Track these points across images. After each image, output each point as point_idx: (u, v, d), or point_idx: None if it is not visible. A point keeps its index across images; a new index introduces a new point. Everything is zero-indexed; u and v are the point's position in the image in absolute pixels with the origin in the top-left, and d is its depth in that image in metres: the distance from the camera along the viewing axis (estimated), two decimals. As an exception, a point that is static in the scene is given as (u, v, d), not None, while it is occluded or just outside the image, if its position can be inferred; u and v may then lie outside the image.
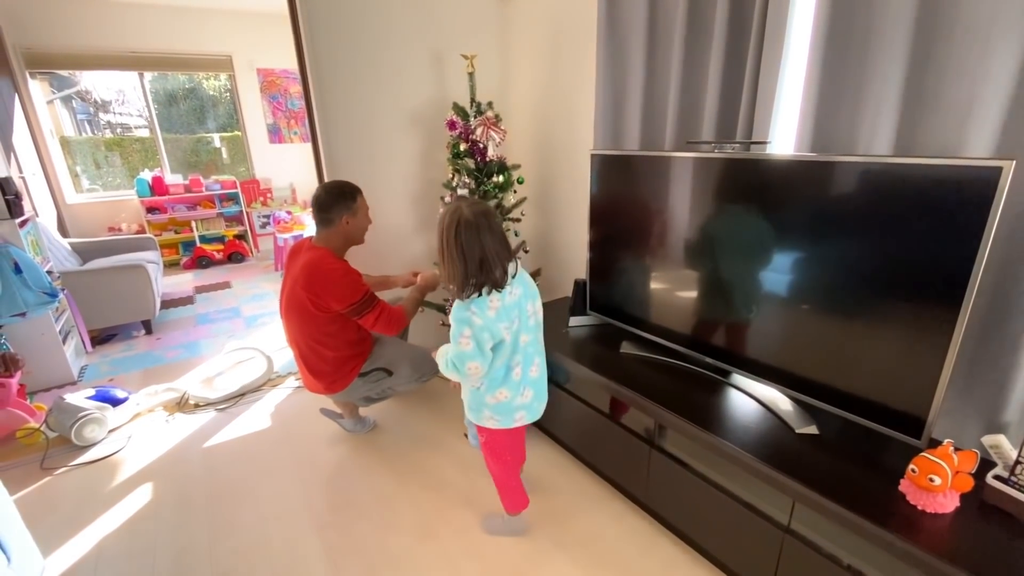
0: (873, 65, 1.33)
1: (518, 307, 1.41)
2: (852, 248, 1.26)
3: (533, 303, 1.48)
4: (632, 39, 1.94)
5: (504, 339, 1.39)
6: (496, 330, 1.36)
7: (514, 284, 1.40)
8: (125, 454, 2.23)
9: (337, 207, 1.89)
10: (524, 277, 1.47)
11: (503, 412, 1.49)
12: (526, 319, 1.44)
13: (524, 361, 1.47)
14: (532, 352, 1.49)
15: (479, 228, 1.32)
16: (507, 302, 1.37)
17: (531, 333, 1.47)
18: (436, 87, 2.64)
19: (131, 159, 5.76)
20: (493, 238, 1.34)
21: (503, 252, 1.36)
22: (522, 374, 1.47)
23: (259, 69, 5.36)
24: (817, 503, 1.19)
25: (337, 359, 2.01)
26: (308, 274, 1.85)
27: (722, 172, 1.51)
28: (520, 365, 1.46)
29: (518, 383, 1.47)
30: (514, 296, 1.40)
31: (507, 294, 1.37)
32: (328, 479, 2.04)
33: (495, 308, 1.35)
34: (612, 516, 1.78)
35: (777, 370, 1.49)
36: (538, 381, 1.54)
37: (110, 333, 3.52)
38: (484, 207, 1.37)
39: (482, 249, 1.31)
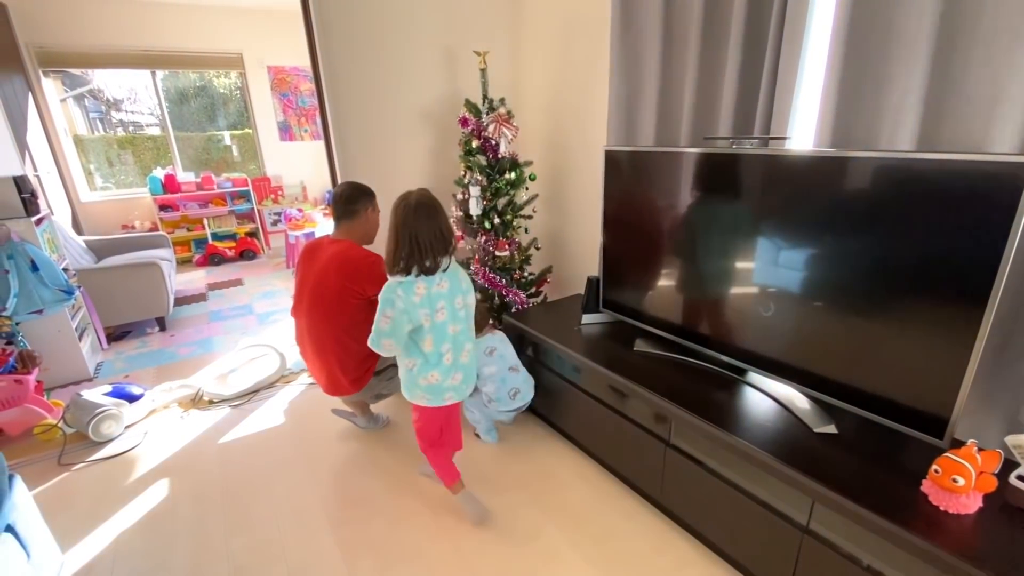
0: (895, 59, 1.31)
1: (446, 299, 1.53)
2: (875, 246, 1.24)
3: (464, 298, 1.60)
4: (647, 35, 1.93)
5: (423, 325, 1.51)
6: (415, 315, 1.49)
7: (443, 278, 1.52)
8: (141, 450, 2.26)
9: (362, 199, 1.99)
10: (457, 274, 1.58)
11: (434, 392, 1.61)
12: (455, 311, 1.56)
13: (455, 348, 1.59)
14: (463, 340, 1.62)
15: (419, 215, 1.45)
16: (433, 291, 1.50)
17: (461, 324, 1.60)
18: (448, 84, 2.63)
19: (143, 157, 5.80)
20: (430, 228, 1.46)
21: (436, 244, 1.48)
22: (453, 359, 1.59)
23: (270, 67, 5.38)
24: (837, 503, 1.18)
25: (361, 352, 2.00)
26: (341, 262, 1.90)
27: (741, 168, 1.49)
28: (451, 352, 1.58)
29: (449, 367, 1.59)
30: (441, 288, 1.52)
31: (434, 284, 1.50)
32: (342, 475, 2.05)
33: (420, 295, 1.48)
34: (625, 514, 1.77)
35: (795, 368, 1.48)
36: (468, 366, 1.66)
37: (125, 330, 3.56)
38: (432, 199, 1.50)
39: (417, 235, 1.45)
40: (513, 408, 2.09)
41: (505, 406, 2.08)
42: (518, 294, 2.45)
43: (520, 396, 2.09)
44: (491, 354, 2.14)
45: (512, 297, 2.45)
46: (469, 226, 2.47)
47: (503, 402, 2.08)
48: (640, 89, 2.03)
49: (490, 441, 2.17)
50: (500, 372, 2.10)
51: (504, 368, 2.11)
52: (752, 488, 1.40)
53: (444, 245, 1.50)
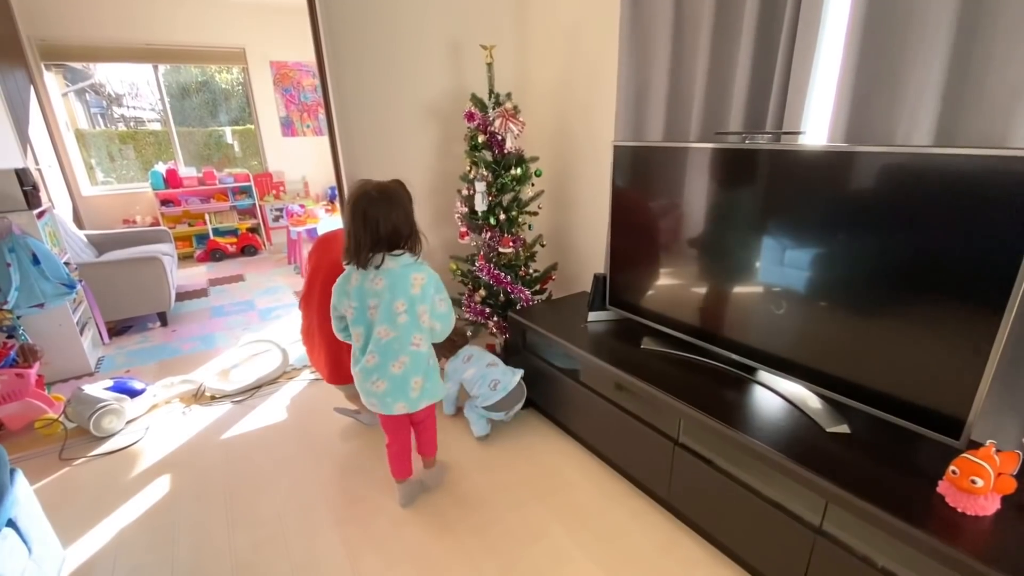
0: (913, 52, 1.29)
1: (378, 297, 1.47)
2: (891, 243, 1.22)
3: (408, 303, 1.50)
4: (657, 28, 1.90)
5: (345, 315, 1.52)
6: (340, 303, 1.52)
7: (378, 274, 1.47)
8: (143, 445, 2.24)
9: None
10: (407, 276, 1.49)
11: (361, 389, 1.59)
12: (389, 314, 1.49)
13: (381, 353, 1.51)
14: (396, 349, 1.52)
15: (355, 207, 1.44)
16: (364, 286, 1.47)
17: (397, 331, 1.50)
18: (453, 78, 2.61)
19: (144, 152, 5.78)
20: (359, 223, 1.43)
21: (365, 238, 1.44)
22: (376, 363, 1.52)
23: (272, 62, 5.35)
24: (852, 504, 1.15)
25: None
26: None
27: (754, 164, 1.47)
28: (375, 354, 1.52)
29: (369, 369, 1.53)
30: (375, 284, 1.47)
31: (367, 279, 1.47)
32: (345, 472, 2.03)
33: (353, 285, 1.48)
34: (631, 513, 1.76)
35: (807, 368, 1.45)
36: (398, 378, 1.54)
37: (126, 325, 3.54)
38: (373, 193, 1.45)
39: (351, 226, 1.45)
40: (497, 398, 2.04)
41: (488, 398, 2.05)
42: (523, 291, 2.43)
43: (501, 386, 2.06)
44: (468, 360, 2.19)
45: (517, 294, 2.43)
46: (474, 222, 2.45)
47: (485, 395, 2.06)
48: (649, 83, 2.01)
49: (480, 433, 2.15)
50: (479, 371, 2.13)
51: (483, 366, 2.15)
52: (763, 488, 1.38)
53: (374, 239, 1.45)
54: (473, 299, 2.54)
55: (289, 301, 4.01)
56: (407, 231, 1.49)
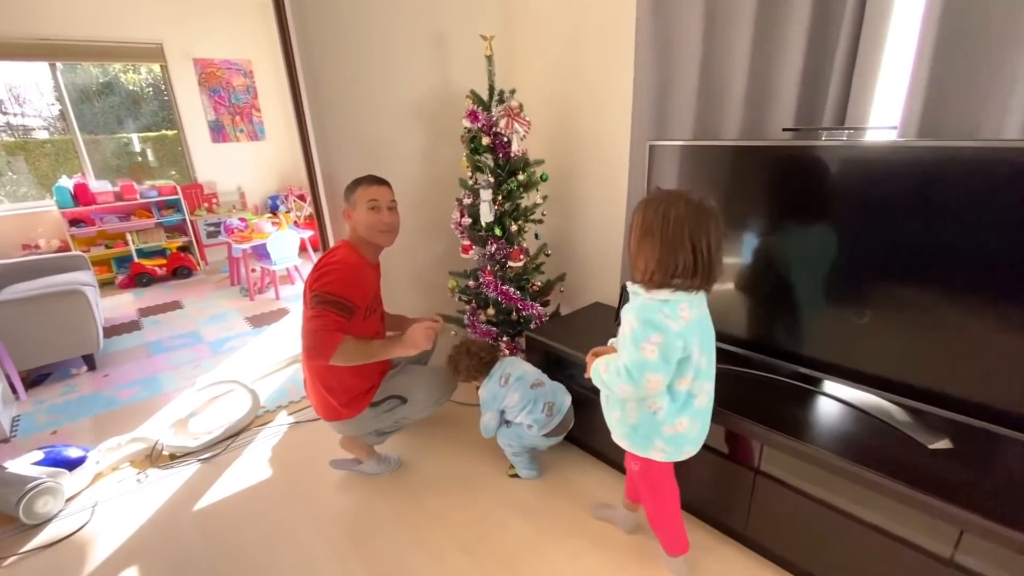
0: (1001, 36, 1.20)
1: (699, 325, 1.20)
2: (998, 245, 1.13)
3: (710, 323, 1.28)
4: (684, 16, 1.74)
5: (691, 355, 1.18)
6: (690, 342, 1.16)
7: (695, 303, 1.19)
8: (92, 529, 1.81)
9: (344, 201, 1.80)
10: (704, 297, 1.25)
11: (675, 444, 1.28)
12: (709, 339, 1.25)
13: (699, 389, 1.26)
14: (706, 378, 1.28)
15: (714, 219, 1.13)
16: (692, 315, 1.17)
17: (708, 356, 1.26)
18: (439, 74, 2.34)
19: (40, 165, 4.97)
20: (717, 236, 1.14)
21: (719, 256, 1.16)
22: (707, 401, 1.29)
23: (196, 59, 4.76)
24: (995, 532, 1.05)
25: (343, 372, 1.72)
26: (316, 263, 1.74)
27: (839, 163, 1.33)
28: (704, 393, 1.27)
29: (699, 411, 1.27)
30: (699, 311, 1.21)
31: (696, 305, 1.18)
32: (361, 538, 1.72)
33: (686, 319, 1.15)
34: (702, 549, 1.59)
35: (899, 381, 1.35)
36: (706, 411, 1.33)
37: (43, 373, 2.96)
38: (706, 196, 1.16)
39: (709, 243, 1.12)
40: (556, 423, 1.81)
41: (546, 425, 1.80)
42: (535, 307, 2.21)
43: (557, 408, 1.83)
44: (506, 383, 1.84)
45: (529, 311, 2.21)
46: (476, 234, 2.20)
47: (542, 423, 1.80)
48: (674, 76, 1.85)
49: (532, 476, 1.92)
50: (525, 395, 1.82)
51: (526, 387, 1.83)
52: (872, 518, 1.26)
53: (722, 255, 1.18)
54: (478, 318, 2.29)
55: (242, 329, 3.55)
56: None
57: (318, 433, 2.28)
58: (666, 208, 1.12)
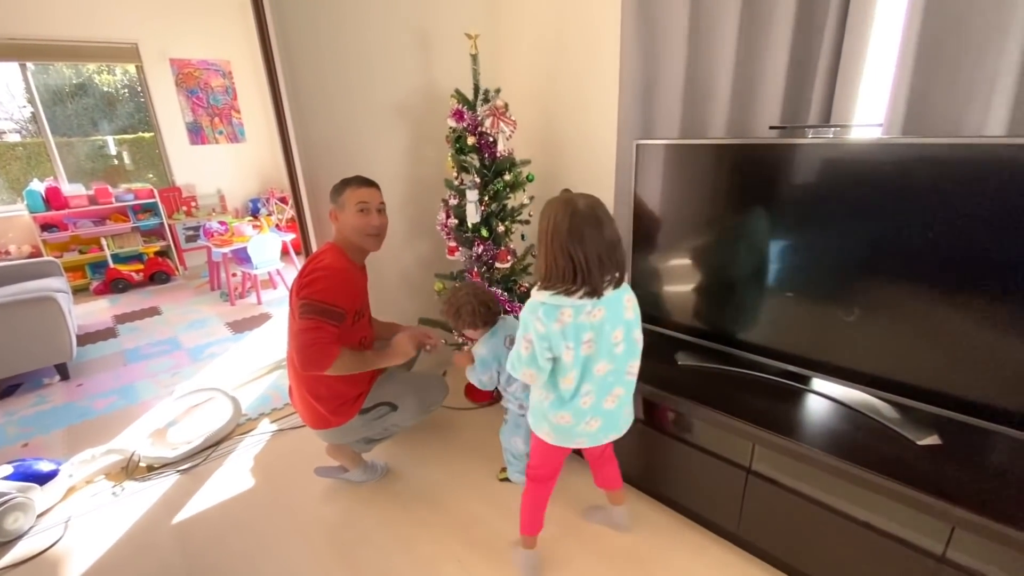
0: (983, 34, 1.21)
1: (595, 331, 1.21)
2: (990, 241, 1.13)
3: (628, 331, 1.27)
4: (669, 14, 1.74)
5: (562, 358, 1.22)
6: (558, 345, 1.20)
7: (597, 304, 1.19)
8: (66, 545, 1.74)
9: (330, 201, 1.74)
10: (621, 299, 1.25)
11: (562, 433, 1.34)
12: (607, 347, 1.24)
13: (598, 391, 1.28)
14: (612, 382, 1.29)
15: (582, 224, 1.13)
16: (580, 320, 1.19)
17: (615, 363, 1.27)
18: (423, 74, 2.31)
19: (9, 168, 4.81)
20: (596, 242, 1.14)
21: (604, 262, 1.16)
22: (592, 403, 1.29)
23: (173, 60, 4.65)
24: (986, 527, 1.05)
25: (331, 379, 1.66)
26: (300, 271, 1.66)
27: (826, 161, 1.33)
28: (592, 395, 1.28)
29: (584, 411, 1.29)
30: (593, 317, 1.20)
31: (583, 312, 1.18)
32: (344, 546, 1.68)
33: (563, 323, 1.18)
34: (694, 550, 1.58)
35: (886, 377, 1.35)
36: (613, 412, 1.34)
37: (14, 383, 2.85)
38: (598, 201, 1.19)
39: (573, 250, 1.13)
40: None
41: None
42: (523, 308, 2.18)
43: None
44: (510, 344, 1.64)
45: (517, 313, 2.18)
46: (462, 235, 2.17)
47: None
48: (660, 75, 1.84)
49: (523, 482, 1.88)
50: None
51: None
52: (864, 515, 1.25)
53: (612, 263, 1.17)
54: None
55: (222, 335, 3.47)
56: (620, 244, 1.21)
57: (302, 441, 2.23)
58: (550, 215, 1.16)
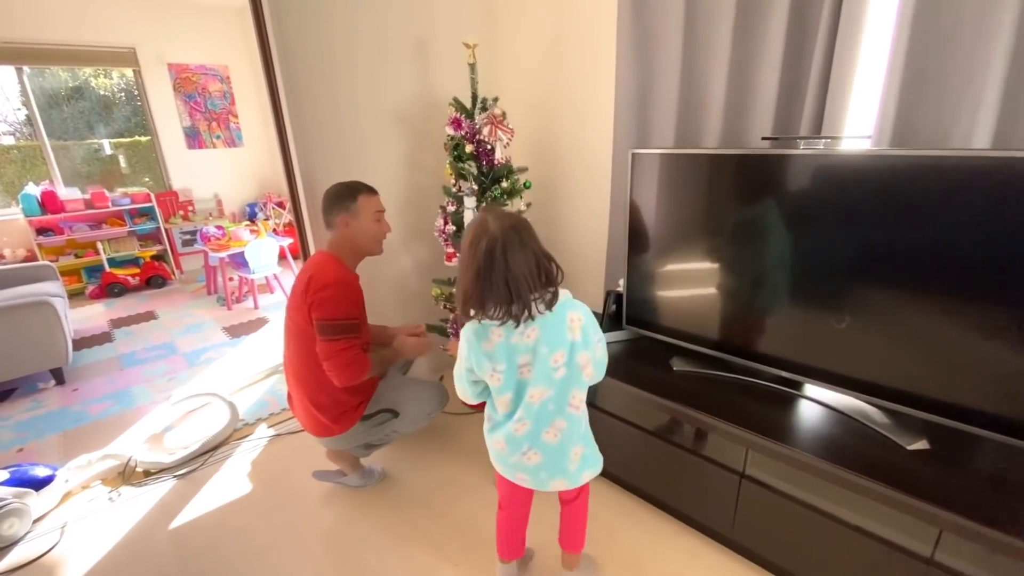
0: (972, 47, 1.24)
1: (531, 352, 1.11)
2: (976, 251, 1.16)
3: (569, 353, 1.13)
4: (665, 25, 1.77)
5: (488, 381, 1.15)
6: (482, 366, 1.13)
7: (530, 325, 1.10)
8: (62, 551, 1.74)
9: (335, 207, 1.68)
10: (563, 319, 1.12)
11: (500, 461, 1.28)
12: (544, 371, 1.12)
13: (534, 420, 1.17)
14: (551, 412, 1.17)
15: (503, 249, 1.04)
16: (511, 341, 1.10)
17: (555, 389, 1.15)
18: (421, 82, 2.33)
19: (5, 172, 4.80)
20: (517, 264, 1.05)
21: (528, 282, 1.06)
22: (527, 432, 1.18)
23: (171, 64, 4.67)
24: (973, 531, 1.07)
25: (333, 387, 1.68)
26: (301, 280, 1.65)
27: (817, 172, 1.35)
28: (526, 422, 1.17)
29: (518, 439, 1.19)
30: (527, 338, 1.10)
31: (514, 334, 1.09)
32: (341, 551, 1.69)
33: (492, 343, 1.11)
34: (689, 554, 1.60)
35: (878, 383, 1.37)
36: (556, 448, 1.20)
37: (8, 388, 2.84)
38: (519, 224, 1.08)
39: (494, 276, 1.04)
40: None
41: None
42: (519, 314, 2.20)
43: None
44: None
45: (514, 318, 2.20)
46: (460, 242, 2.18)
47: None
48: (655, 85, 1.87)
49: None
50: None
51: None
52: (854, 519, 1.27)
53: (538, 282, 1.08)
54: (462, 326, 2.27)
55: (219, 340, 3.47)
56: (547, 261, 1.11)
57: (299, 446, 2.23)
58: (464, 239, 1.11)
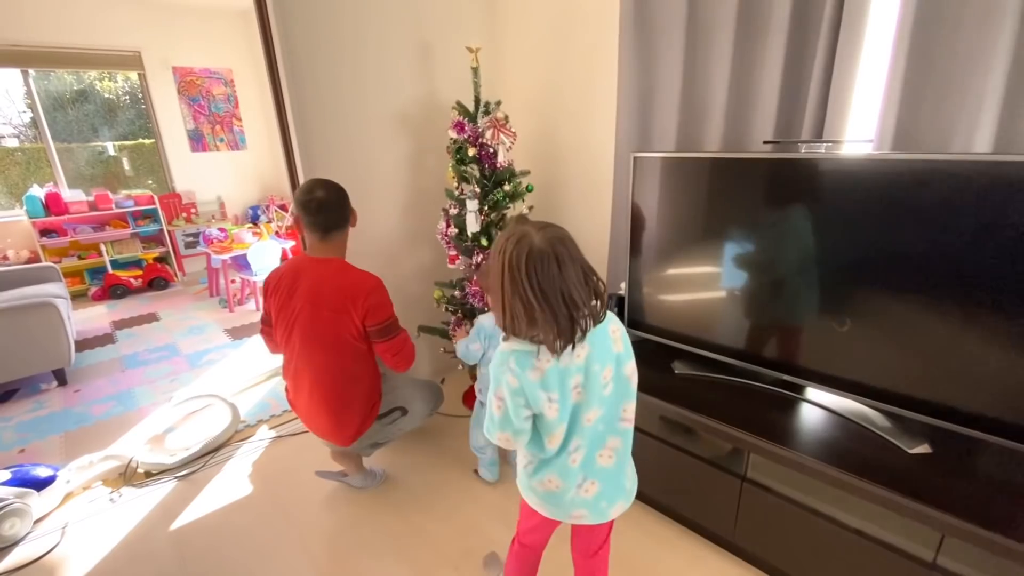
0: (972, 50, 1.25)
1: (583, 372, 0.99)
2: (978, 254, 1.16)
3: (617, 366, 1.05)
4: (667, 30, 1.78)
5: (544, 413, 0.99)
6: (536, 398, 0.98)
7: (580, 343, 0.97)
8: (62, 552, 1.74)
9: (346, 204, 1.67)
10: (607, 331, 1.04)
11: (555, 503, 1.09)
12: (595, 389, 1.01)
13: (589, 444, 1.05)
14: (604, 432, 1.07)
15: (548, 265, 0.91)
16: (562, 364, 0.97)
17: (604, 407, 1.05)
18: (424, 85, 2.34)
19: (9, 174, 4.83)
20: (566, 280, 0.93)
21: (578, 298, 0.94)
22: (583, 460, 1.06)
23: (175, 68, 4.70)
24: (976, 535, 1.07)
25: (366, 392, 1.73)
26: (337, 287, 1.60)
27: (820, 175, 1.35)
28: (582, 449, 1.05)
29: (574, 471, 1.06)
30: (576, 359, 0.98)
31: (565, 354, 0.96)
32: (342, 553, 1.69)
33: (541, 370, 0.96)
34: (691, 559, 1.60)
35: (879, 388, 1.37)
36: (612, 472, 1.09)
37: (11, 389, 2.85)
38: (561, 232, 0.97)
39: (548, 294, 0.91)
40: None
41: None
42: (521, 316, 2.21)
43: None
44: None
45: (515, 320, 2.20)
46: (462, 244, 2.19)
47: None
48: (657, 89, 1.88)
49: (488, 479, 1.91)
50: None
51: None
52: (856, 523, 1.27)
53: (582, 301, 0.94)
54: (463, 329, 2.27)
55: (221, 342, 3.47)
56: (593, 273, 0.99)
57: (300, 448, 2.23)
58: (503, 255, 0.94)
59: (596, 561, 1.25)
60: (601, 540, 1.23)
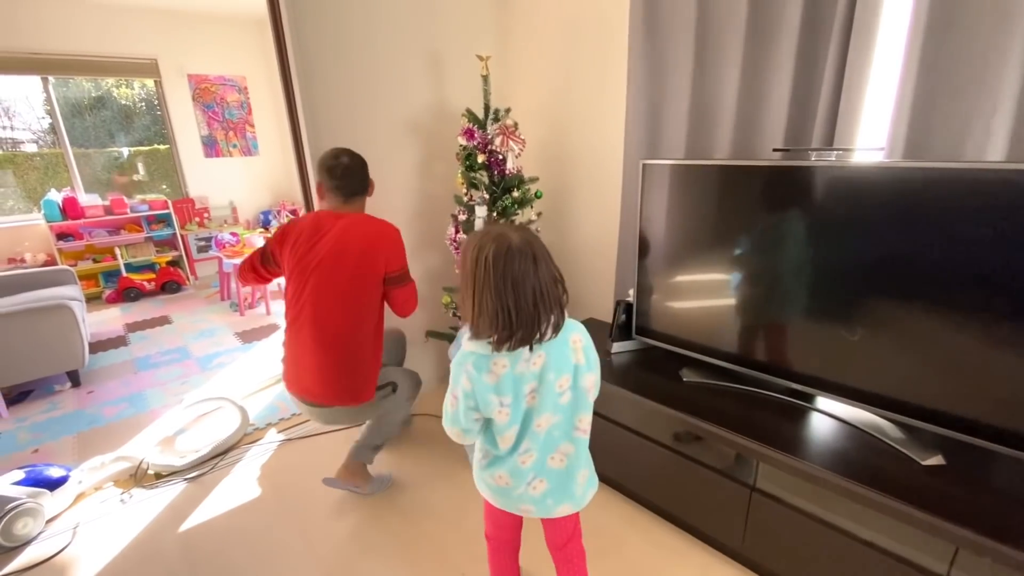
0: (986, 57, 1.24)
1: (537, 379, 1.04)
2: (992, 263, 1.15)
3: (573, 377, 1.08)
4: (676, 37, 1.79)
5: (494, 418, 1.06)
6: (487, 401, 1.03)
7: (537, 350, 1.03)
8: (74, 551, 1.76)
9: (367, 173, 1.82)
10: (566, 341, 1.07)
11: (504, 496, 1.16)
12: (550, 397, 1.06)
13: (540, 448, 1.10)
14: (557, 437, 1.11)
15: (510, 268, 0.97)
16: (518, 371, 1.03)
17: (561, 415, 1.09)
18: (434, 92, 2.37)
19: (28, 178, 4.92)
20: (527, 286, 0.98)
21: (538, 305, 0.99)
22: (533, 462, 1.11)
23: (191, 75, 4.78)
24: (991, 549, 1.05)
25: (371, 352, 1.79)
26: (360, 239, 1.70)
27: (830, 183, 1.35)
28: (533, 452, 1.10)
29: (524, 470, 1.11)
30: (534, 365, 1.03)
31: (520, 360, 1.02)
32: (350, 558, 1.69)
33: (497, 375, 1.02)
34: (699, 569, 1.58)
35: (894, 398, 1.36)
36: (562, 473, 1.14)
37: (25, 390, 2.89)
38: (529, 241, 1.01)
39: (506, 297, 0.97)
40: None
41: None
42: (529, 322, 2.21)
43: None
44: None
45: (523, 326, 2.20)
46: (470, 250, 2.20)
47: None
48: (666, 96, 1.89)
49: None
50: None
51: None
52: (867, 535, 1.25)
53: (549, 304, 1.01)
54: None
55: (231, 345, 3.50)
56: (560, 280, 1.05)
57: (309, 452, 2.25)
58: (478, 252, 0.99)
59: (567, 552, 1.30)
60: (568, 534, 1.28)
